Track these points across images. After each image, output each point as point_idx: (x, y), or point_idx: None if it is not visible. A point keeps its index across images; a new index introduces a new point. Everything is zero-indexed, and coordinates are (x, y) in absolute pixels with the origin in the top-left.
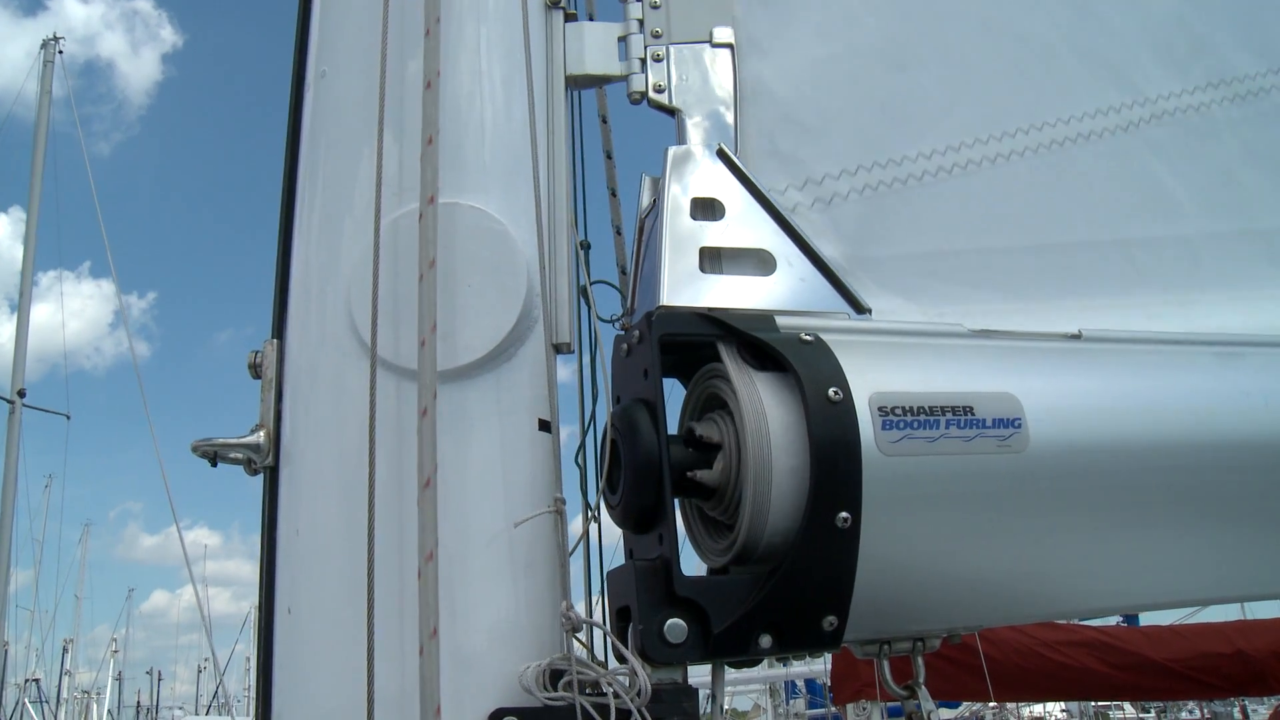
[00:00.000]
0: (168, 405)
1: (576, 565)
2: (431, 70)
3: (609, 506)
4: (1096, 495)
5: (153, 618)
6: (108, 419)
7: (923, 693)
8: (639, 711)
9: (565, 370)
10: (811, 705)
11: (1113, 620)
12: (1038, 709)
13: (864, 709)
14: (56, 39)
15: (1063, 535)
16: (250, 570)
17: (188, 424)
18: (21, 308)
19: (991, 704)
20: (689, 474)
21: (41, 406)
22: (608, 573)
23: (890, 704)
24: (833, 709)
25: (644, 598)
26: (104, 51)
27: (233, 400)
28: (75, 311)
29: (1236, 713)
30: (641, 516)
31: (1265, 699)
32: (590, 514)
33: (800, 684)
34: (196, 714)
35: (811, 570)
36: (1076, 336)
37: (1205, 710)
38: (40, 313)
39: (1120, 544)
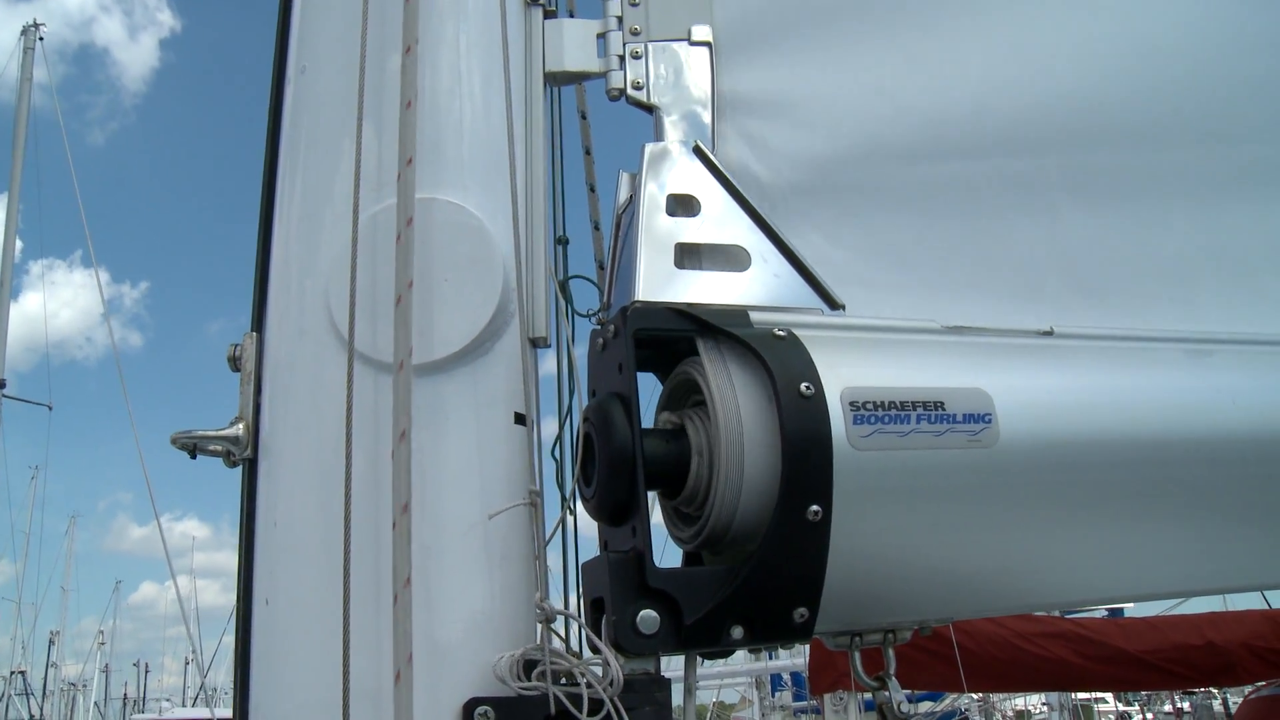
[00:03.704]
0: (159, 394)
1: (554, 557)
2: (410, 37)
3: (584, 499)
4: (1066, 490)
5: (141, 609)
6: (99, 409)
7: (893, 684)
8: (611, 701)
9: (543, 365)
10: (797, 698)
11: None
12: (1020, 702)
13: (841, 699)
14: (36, 25)
15: (1033, 529)
16: None
17: (179, 413)
18: (1, 298)
19: (976, 696)
20: (662, 466)
21: (21, 397)
22: (582, 565)
23: (867, 695)
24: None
25: (617, 589)
26: (99, 38)
27: (225, 390)
28: (67, 301)
29: (1217, 705)
30: (615, 509)
31: (1242, 690)
32: (566, 506)
33: (786, 677)
34: (184, 706)
35: (782, 563)
36: (1048, 333)
37: (1189, 703)
38: (31, 302)
39: (1090, 538)
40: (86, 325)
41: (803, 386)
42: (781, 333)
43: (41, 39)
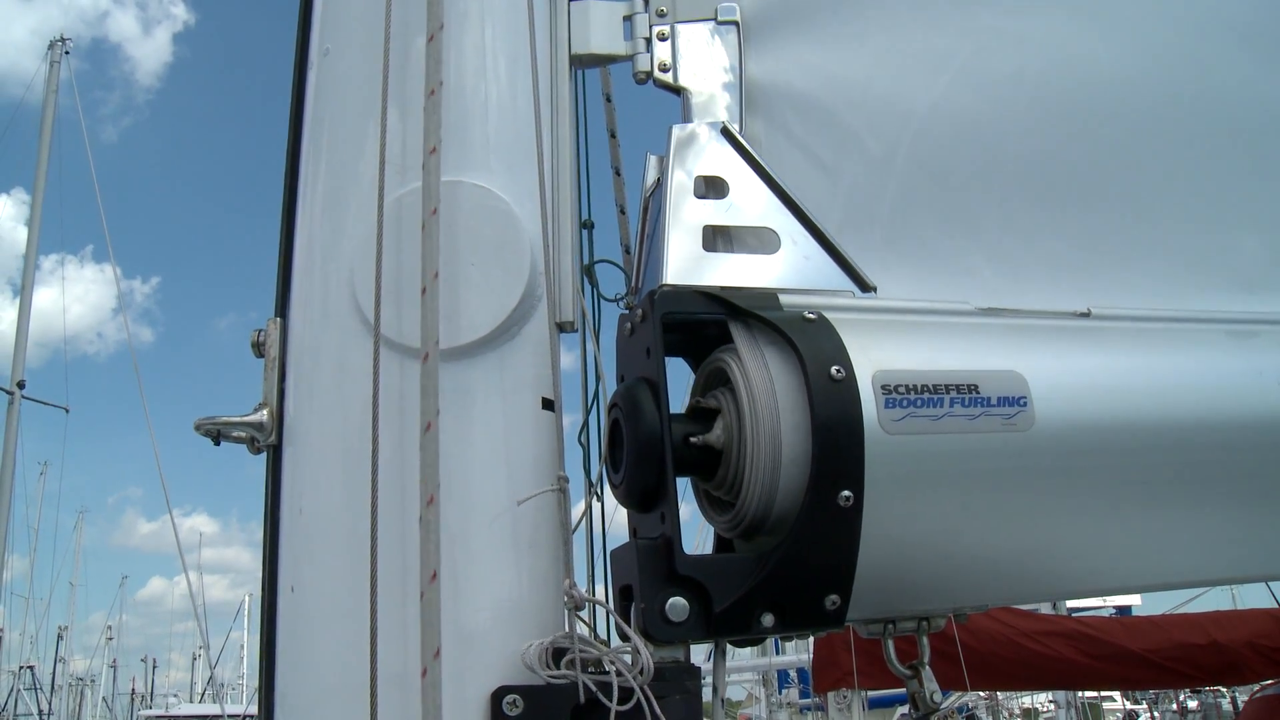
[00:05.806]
0: (170, 390)
1: (580, 544)
2: (434, 24)
3: (612, 486)
4: (1103, 474)
5: (150, 604)
6: (109, 405)
7: (926, 673)
8: (641, 690)
9: (570, 350)
10: (804, 695)
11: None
12: (1028, 700)
13: (844, 697)
14: (64, 40)
15: (1069, 514)
16: (248, 557)
17: (189, 408)
18: (23, 300)
19: (983, 694)
20: (691, 451)
21: (41, 399)
22: (611, 552)
23: (871, 692)
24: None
25: (646, 576)
26: (112, 33)
27: (234, 384)
28: (78, 296)
29: (1226, 703)
30: (644, 495)
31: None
32: (593, 492)
33: (792, 673)
34: (191, 702)
35: (813, 549)
36: (1085, 315)
37: (1196, 701)
38: (43, 298)
39: (1127, 524)
40: (97, 321)
41: (833, 369)
42: (812, 315)
43: (68, 53)
